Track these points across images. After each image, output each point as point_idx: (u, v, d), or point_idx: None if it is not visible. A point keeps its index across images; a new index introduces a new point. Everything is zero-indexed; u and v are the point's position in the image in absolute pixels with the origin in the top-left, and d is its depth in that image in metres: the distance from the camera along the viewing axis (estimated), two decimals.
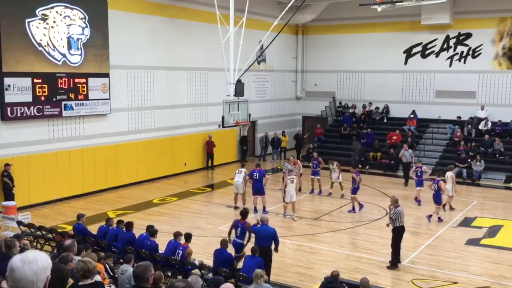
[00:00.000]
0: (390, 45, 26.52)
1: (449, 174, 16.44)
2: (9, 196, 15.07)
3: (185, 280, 3.20)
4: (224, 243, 10.16)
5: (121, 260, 10.12)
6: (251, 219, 15.69)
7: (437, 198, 15.47)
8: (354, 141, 24.98)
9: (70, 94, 17.10)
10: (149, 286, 4.82)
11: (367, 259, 12.16)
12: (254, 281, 8.22)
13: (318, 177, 18.80)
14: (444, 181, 16.05)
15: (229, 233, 11.36)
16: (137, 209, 16.50)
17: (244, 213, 11.48)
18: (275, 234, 10.65)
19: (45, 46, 16.29)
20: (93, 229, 12.31)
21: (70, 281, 6.41)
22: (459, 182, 21.08)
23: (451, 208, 16.53)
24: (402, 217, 11.56)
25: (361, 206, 16.53)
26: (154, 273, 5.23)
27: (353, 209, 16.45)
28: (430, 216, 15.36)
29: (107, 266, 9.11)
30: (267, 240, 10.58)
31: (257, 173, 16.18)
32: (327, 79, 28.77)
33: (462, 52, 25.02)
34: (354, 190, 16.37)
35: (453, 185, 16.18)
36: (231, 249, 10.28)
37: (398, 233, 11.64)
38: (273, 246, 10.71)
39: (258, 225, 10.94)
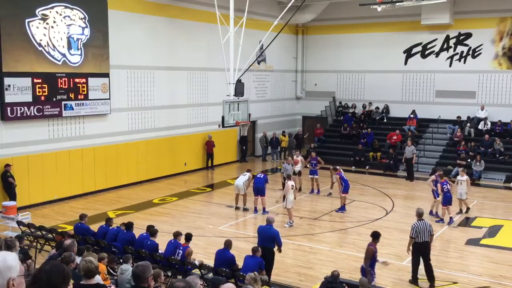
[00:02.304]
0: (390, 45, 26.52)
1: (465, 177, 16.35)
2: (13, 195, 15.14)
3: (185, 280, 3.18)
4: (228, 244, 10.10)
5: (121, 260, 10.11)
6: (251, 219, 15.76)
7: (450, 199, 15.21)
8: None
9: (70, 94, 17.10)
10: (148, 286, 4.81)
11: None
12: (249, 282, 7.78)
13: (316, 177, 18.82)
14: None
15: (365, 260, 9.93)
16: (137, 209, 16.50)
17: (376, 234, 9.97)
18: (276, 237, 10.59)
19: (45, 46, 16.29)
20: (93, 229, 12.30)
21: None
22: None
23: (467, 210, 16.43)
24: (420, 232, 10.49)
25: (342, 207, 16.47)
26: (153, 273, 5.23)
27: (343, 207, 16.44)
28: (451, 218, 15.13)
29: (113, 268, 9.10)
30: (268, 240, 10.54)
31: (261, 175, 16.31)
32: (327, 79, 28.77)
33: (462, 52, 25.02)
34: (345, 189, 16.37)
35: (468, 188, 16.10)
36: (233, 250, 10.24)
37: (414, 249, 10.74)
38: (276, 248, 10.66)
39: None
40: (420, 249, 10.62)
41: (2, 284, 2.55)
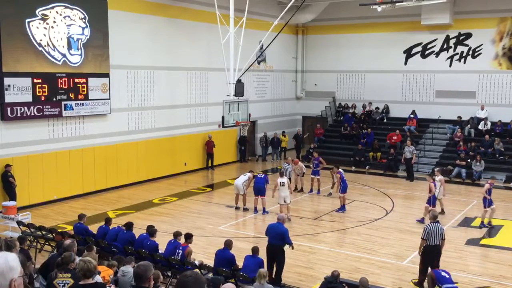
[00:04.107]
0: (390, 45, 26.52)
1: (439, 177, 16.27)
2: (14, 195, 15.15)
3: (193, 271, 3.19)
4: (228, 243, 10.11)
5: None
6: (251, 219, 15.76)
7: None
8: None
9: (70, 94, 17.10)
10: (149, 286, 4.82)
11: (367, 259, 12.16)
12: (257, 280, 8.27)
13: (318, 177, 18.83)
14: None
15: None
16: (137, 209, 16.50)
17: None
18: (284, 234, 10.47)
19: (45, 46, 16.29)
20: (93, 229, 12.30)
21: (71, 276, 6.40)
22: (459, 182, 21.12)
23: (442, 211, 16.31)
24: (431, 235, 10.25)
25: (342, 207, 16.48)
26: (154, 273, 5.24)
27: (343, 207, 16.44)
28: (423, 219, 15.01)
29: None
30: (276, 238, 10.47)
31: (262, 175, 16.39)
32: (327, 79, 28.77)
33: (462, 52, 25.02)
34: (343, 189, 16.37)
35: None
36: (233, 250, 10.25)
37: (424, 253, 10.46)
38: (286, 247, 10.65)
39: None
40: (431, 252, 10.35)
41: (5, 285, 2.53)
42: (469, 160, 21.65)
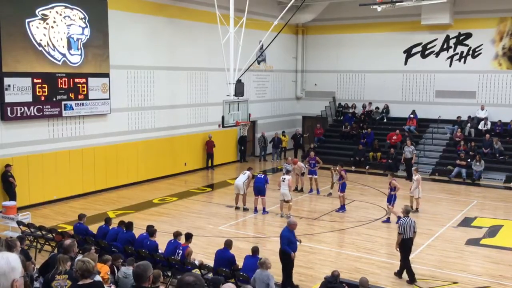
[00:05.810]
0: (390, 45, 26.52)
1: (416, 177, 16.33)
2: (13, 195, 15.15)
3: (195, 274, 3.16)
4: (228, 243, 10.11)
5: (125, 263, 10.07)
6: (251, 219, 15.76)
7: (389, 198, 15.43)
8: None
9: (70, 94, 17.10)
10: (149, 286, 4.83)
11: (367, 259, 12.16)
12: (260, 268, 8.75)
13: (315, 176, 18.83)
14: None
15: None
16: (137, 209, 16.50)
17: None
18: (282, 238, 10.37)
19: (45, 46, 16.29)
20: (93, 229, 12.30)
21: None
22: (459, 182, 21.12)
23: (416, 210, 16.26)
24: (407, 228, 10.75)
25: (342, 207, 16.46)
26: (154, 272, 5.25)
27: (342, 207, 16.43)
28: (389, 218, 15.16)
29: (115, 267, 9.03)
30: (283, 243, 10.42)
31: (262, 175, 16.43)
32: (327, 79, 28.77)
33: (462, 52, 25.02)
34: (342, 188, 16.35)
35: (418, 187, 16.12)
36: (233, 250, 10.24)
37: (402, 245, 10.90)
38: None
39: None
40: (406, 244, 10.93)
41: (7, 286, 2.55)
42: (469, 160, 21.65)
